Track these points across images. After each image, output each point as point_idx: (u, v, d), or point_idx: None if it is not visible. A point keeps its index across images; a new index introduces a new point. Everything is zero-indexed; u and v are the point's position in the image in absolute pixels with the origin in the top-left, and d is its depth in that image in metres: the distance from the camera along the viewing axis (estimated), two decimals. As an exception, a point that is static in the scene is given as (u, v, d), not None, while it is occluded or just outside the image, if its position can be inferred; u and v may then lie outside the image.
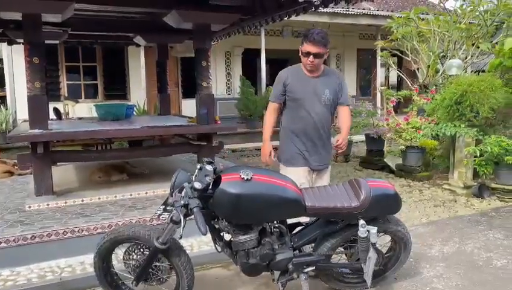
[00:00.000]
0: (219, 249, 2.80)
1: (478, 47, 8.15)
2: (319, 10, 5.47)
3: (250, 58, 13.72)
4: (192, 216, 2.37)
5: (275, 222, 2.70)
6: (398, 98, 8.06)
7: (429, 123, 6.54)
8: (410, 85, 8.69)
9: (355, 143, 8.73)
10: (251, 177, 2.48)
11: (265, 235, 2.72)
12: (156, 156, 5.48)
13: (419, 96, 7.38)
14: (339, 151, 3.49)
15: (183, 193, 2.42)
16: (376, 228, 2.70)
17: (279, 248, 2.73)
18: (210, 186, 2.50)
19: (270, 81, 12.95)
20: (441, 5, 7.85)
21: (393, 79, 17.26)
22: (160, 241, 2.56)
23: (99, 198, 4.41)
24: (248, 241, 2.64)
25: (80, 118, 6.57)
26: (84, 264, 3.51)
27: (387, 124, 7.10)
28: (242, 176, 2.47)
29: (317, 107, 3.34)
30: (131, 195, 4.54)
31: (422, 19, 8.29)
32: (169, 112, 6.82)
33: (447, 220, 4.82)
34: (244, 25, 5.76)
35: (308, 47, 3.21)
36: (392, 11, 12.19)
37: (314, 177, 3.47)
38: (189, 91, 12.10)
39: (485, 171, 5.51)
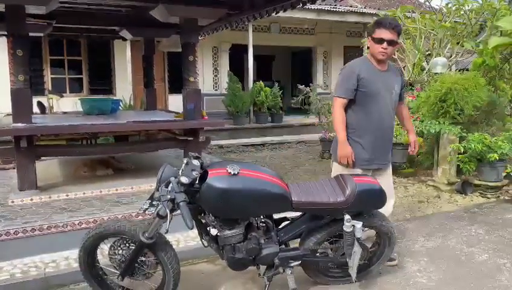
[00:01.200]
0: (205, 243, 2.80)
1: (463, 46, 8.26)
2: (307, 7, 5.47)
3: (237, 54, 13.69)
4: (179, 211, 2.37)
5: (262, 216, 2.72)
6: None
7: (414, 120, 6.61)
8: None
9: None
10: (238, 172, 2.49)
11: (251, 229, 2.73)
12: (142, 151, 5.44)
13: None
14: (411, 153, 3.54)
15: (169, 187, 2.41)
16: (361, 223, 2.73)
17: (265, 242, 2.75)
18: (197, 181, 2.50)
19: (257, 77, 13.00)
20: (427, 3, 7.93)
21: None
22: (146, 236, 2.55)
23: (84, 193, 4.37)
24: (234, 236, 2.65)
25: (65, 113, 6.49)
26: (68, 259, 3.48)
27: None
28: (229, 171, 2.47)
29: (390, 103, 3.21)
30: (116, 190, 4.50)
31: (408, 17, 8.36)
32: (156, 106, 6.77)
33: (430, 215, 4.90)
34: (231, 20, 5.74)
35: (381, 33, 3.03)
36: (378, 9, 12.28)
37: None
38: (176, 86, 12.03)
39: (468, 168, 5.61)
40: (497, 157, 5.37)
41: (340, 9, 12.04)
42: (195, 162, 2.57)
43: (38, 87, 10.29)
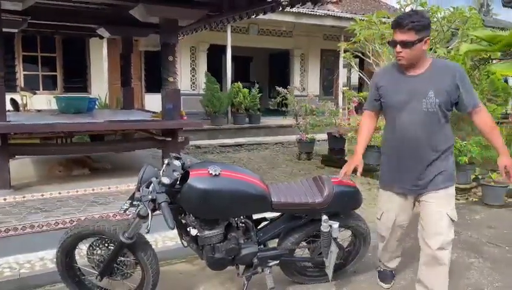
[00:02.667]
0: (185, 244, 2.82)
1: (435, 52, 8.52)
2: (285, 10, 5.54)
3: (215, 54, 13.68)
4: (159, 211, 2.39)
5: (242, 217, 2.76)
6: (360, 98, 8.31)
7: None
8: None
9: (317, 141, 8.92)
10: (219, 173, 2.52)
11: (231, 230, 2.77)
12: (119, 151, 5.40)
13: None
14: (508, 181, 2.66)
15: (150, 187, 2.43)
16: (338, 223, 2.81)
17: (244, 242, 2.79)
18: (178, 182, 2.52)
19: (235, 78, 13.02)
20: (402, 10, 8.13)
21: (354, 80, 17.70)
22: (126, 236, 2.55)
23: (59, 193, 4.31)
24: (214, 236, 2.68)
25: (39, 110, 6.37)
26: (44, 260, 3.43)
27: (349, 124, 7.31)
28: (210, 172, 2.50)
29: (421, 114, 2.55)
30: (93, 190, 4.45)
31: (384, 23, 8.56)
32: (133, 106, 6.73)
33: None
34: (211, 21, 5.76)
35: (394, 34, 2.54)
36: (354, 13, 12.50)
37: (420, 204, 2.78)
38: (153, 85, 11.93)
39: (439, 170, 5.78)
40: (467, 161, 5.58)
41: (318, 13, 12.20)
42: (176, 163, 2.59)
43: (10, 84, 10.02)
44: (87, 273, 2.90)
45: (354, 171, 2.84)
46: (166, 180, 2.42)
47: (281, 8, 4.78)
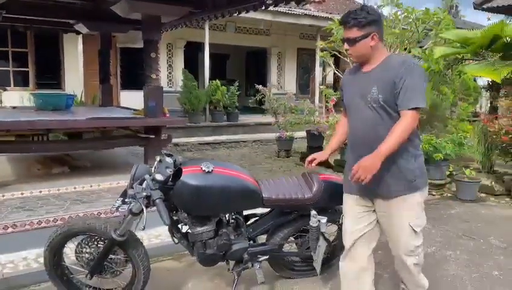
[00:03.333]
0: (176, 240, 2.83)
1: (410, 51, 8.75)
2: (263, 8, 5.55)
3: (192, 52, 13.60)
4: (153, 208, 2.39)
5: (233, 213, 2.79)
6: (338, 97, 8.45)
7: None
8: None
9: (296, 139, 9.02)
10: (212, 170, 2.54)
11: (222, 226, 2.80)
12: (100, 148, 5.33)
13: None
14: (353, 180, 2.22)
15: (144, 184, 2.43)
16: (326, 218, 2.88)
17: (235, 238, 2.82)
18: (170, 179, 2.53)
19: (212, 75, 12.98)
20: (379, 10, 8.30)
21: (329, 78, 17.92)
22: (118, 233, 2.54)
23: (40, 191, 4.23)
24: (206, 232, 2.71)
25: (14, 107, 6.19)
26: (27, 259, 3.37)
27: (327, 122, 7.43)
28: (203, 169, 2.53)
29: (364, 112, 2.38)
30: (75, 188, 4.39)
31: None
32: (112, 103, 6.63)
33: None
34: (193, 18, 5.74)
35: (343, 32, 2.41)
36: (331, 13, 12.68)
37: (379, 209, 2.51)
38: (128, 82, 11.75)
39: (417, 167, 5.97)
40: (442, 157, 5.78)
41: (295, 12, 12.31)
42: (169, 160, 2.59)
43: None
44: (75, 272, 2.88)
45: (321, 164, 2.77)
46: (159, 177, 2.43)
47: (263, 7, 4.82)
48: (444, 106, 7.44)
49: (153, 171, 2.55)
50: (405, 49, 8.74)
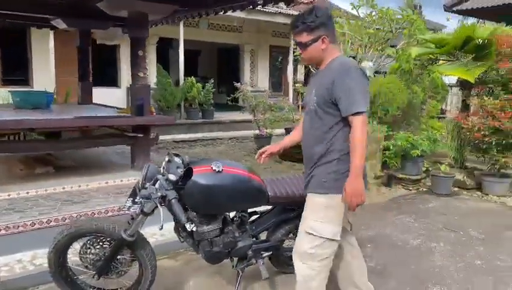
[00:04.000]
0: (181, 239, 2.86)
1: (382, 50, 9.05)
2: (250, 7, 5.60)
3: (163, 48, 13.45)
4: (164, 208, 2.43)
5: (239, 211, 2.85)
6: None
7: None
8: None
9: (273, 137, 9.11)
10: (222, 169, 2.59)
11: (227, 224, 2.85)
12: (87, 147, 5.23)
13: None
14: (354, 210, 2.32)
15: (157, 185, 2.45)
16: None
17: (239, 235, 2.88)
18: (181, 179, 2.56)
19: (186, 72, 12.89)
20: (354, 10, 8.54)
21: (300, 76, 18.17)
22: (128, 233, 2.55)
23: (27, 192, 4.13)
24: (213, 231, 2.75)
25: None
26: (22, 262, 3.30)
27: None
28: (214, 168, 2.57)
29: (306, 114, 2.44)
30: (63, 188, 4.31)
31: (337, 22, 8.92)
32: (91, 101, 6.50)
33: (364, 206, 5.36)
34: (179, 16, 5.71)
35: None
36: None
37: None
38: (100, 79, 11.49)
39: (394, 163, 6.23)
40: (419, 154, 6.04)
41: (269, 10, 12.39)
42: (177, 160, 2.62)
43: None
44: (78, 273, 2.86)
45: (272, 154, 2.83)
46: (173, 177, 2.45)
47: (251, 7, 4.87)
48: (416, 104, 7.76)
49: (162, 171, 2.57)
50: (377, 49, 9.05)
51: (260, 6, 4.81)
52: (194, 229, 2.72)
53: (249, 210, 3.06)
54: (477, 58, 5.84)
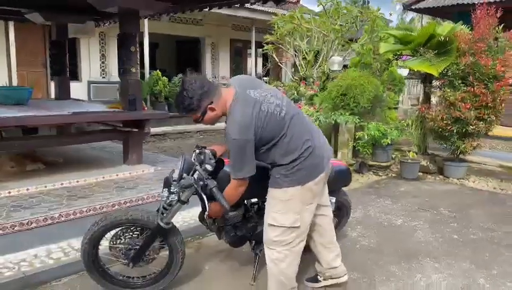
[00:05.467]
0: (207, 226, 3.07)
1: (343, 45, 9.55)
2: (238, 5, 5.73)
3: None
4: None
5: (260, 197, 3.08)
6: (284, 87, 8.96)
7: (317, 112, 7.52)
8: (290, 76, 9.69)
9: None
10: (248, 160, 2.81)
11: (248, 210, 3.09)
12: (81, 143, 5.22)
13: (305, 88, 8.37)
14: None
15: (196, 175, 2.63)
16: (335, 198, 3.31)
17: (259, 220, 3.13)
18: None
19: (141, 65, 12.72)
20: (322, 6, 8.92)
21: (259, 70, 18.47)
22: (165, 221, 2.72)
23: (27, 189, 4.11)
24: (237, 217, 2.99)
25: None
26: (38, 257, 3.34)
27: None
28: (242, 159, 2.78)
29: None
30: (62, 184, 4.32)
31: (303, 18, 9.29)
32: (69, 96, 6.41)
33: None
34: (168, 12, 5.72)
35: None
36: (264, 6, 13.11)
37: None
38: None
39: (367, 151, 6.70)
40: (389, 142, 6.55)
41: (231, 4, 12.54)
42: (208, 152, 2.82)
43: None
44: (107, 262, 2.97)
45: None
46: (210, 167, 2.65)
47: (239, 5, 5.05)
48: (381, 95, 8.30)
49: (195, 162, 2.75)
50: (341, 44, 9.55)
51: (248, 4, 5.00)
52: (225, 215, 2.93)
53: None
54: (440, 54, 6.40)
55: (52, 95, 10.63)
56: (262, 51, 10.80)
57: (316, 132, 2.72)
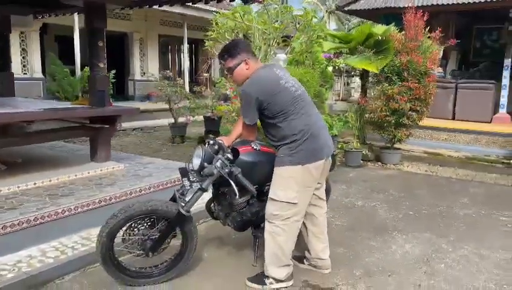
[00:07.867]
0: (214, 214, 3.25)
1: (279, 43, 10.01)
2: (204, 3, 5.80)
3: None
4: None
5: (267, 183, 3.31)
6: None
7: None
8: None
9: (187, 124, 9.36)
10: (260, 148, 3.04)
11: (252, 196, 3.31)
12: (44, 141, 4.95)
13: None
14: None
15: (218, 163, 2.79)
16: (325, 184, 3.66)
17: (261, 205, 3.36)
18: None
19: (62, 60, 12.10)
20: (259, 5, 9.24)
21: (187, 66, 18.39)
22: (185, 210, 2.84)
23: None
24: (244, 202, 3.19)
25: None
26: (33, 257, 3.24)
27: (232, 109, 8.09)
28: (254, 147, 3.00)
29: None
30: (35, 184, 4.13)
31: (245, 17, 9.55)
32: (14, 93, 6.03)
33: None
34: (134, 6, 5.61)
35: None
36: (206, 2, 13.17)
37: None
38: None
39: (316, 142, 7.19)
40: (336, 133, 7.11)
41: (163, -1, 12.41)
42: (221, 142, 3.00)
43: None
44: (119, 254, 3.00)
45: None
46: (230, 156, 2.83)
47: (205, 2, 5.17)
48: (322, 90, 8.91)
49: (211, 153, 2.91)
50: (280, 42, 9.99)
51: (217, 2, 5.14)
52: (233, 201, 3.11)
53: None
54: (377, 52, 7.09)
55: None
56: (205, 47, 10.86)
57: (323, 126, 3.12)
